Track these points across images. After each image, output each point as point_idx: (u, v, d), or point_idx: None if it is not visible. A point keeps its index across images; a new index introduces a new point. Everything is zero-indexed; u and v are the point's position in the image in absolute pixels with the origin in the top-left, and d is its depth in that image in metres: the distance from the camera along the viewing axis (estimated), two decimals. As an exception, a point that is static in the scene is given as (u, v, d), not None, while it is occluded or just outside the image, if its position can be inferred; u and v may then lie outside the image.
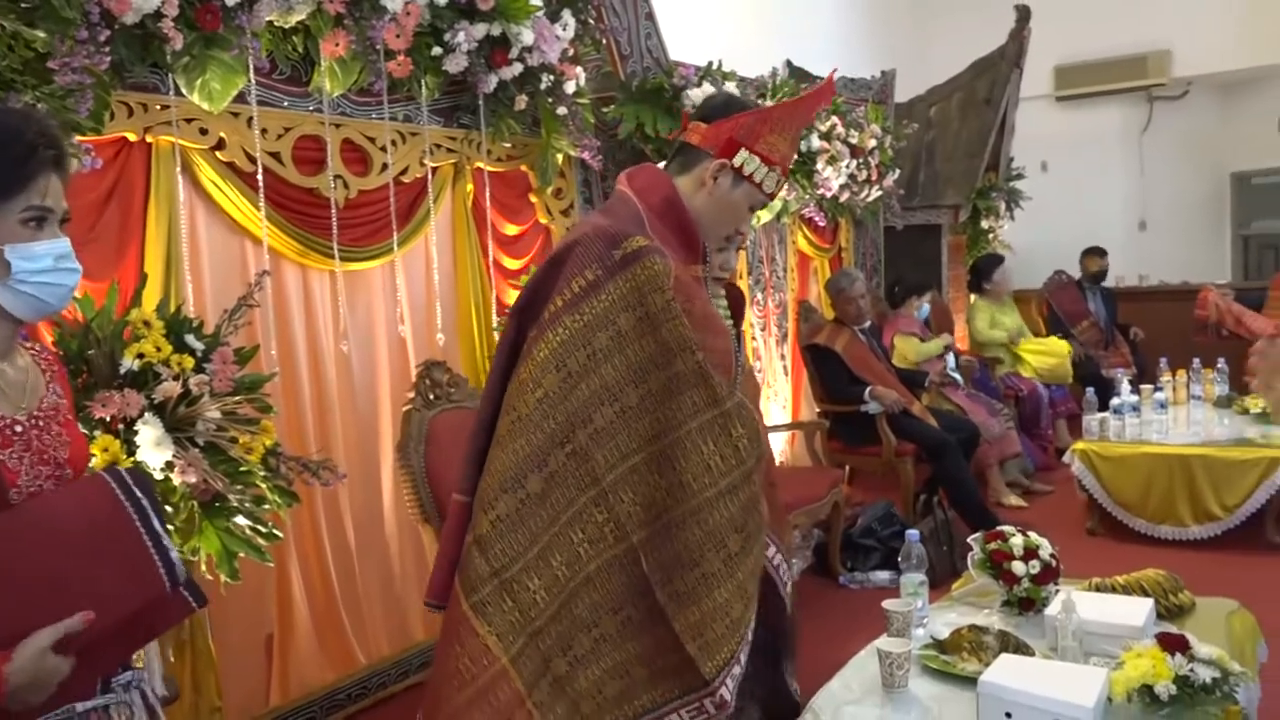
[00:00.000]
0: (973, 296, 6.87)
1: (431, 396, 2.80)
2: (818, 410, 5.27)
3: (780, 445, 5.30)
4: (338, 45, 2.89)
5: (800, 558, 4.47)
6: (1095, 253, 7.53)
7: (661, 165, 1.95)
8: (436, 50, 3.15)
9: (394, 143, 3.28)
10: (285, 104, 2.98)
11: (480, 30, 3.20)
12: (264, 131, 2.90)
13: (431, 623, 3.45)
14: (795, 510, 3.99)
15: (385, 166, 3.26)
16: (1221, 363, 5.66)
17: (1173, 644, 1.97)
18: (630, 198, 1.78)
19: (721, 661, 1.63)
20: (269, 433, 2.48)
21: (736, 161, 1.79)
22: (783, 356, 5.51)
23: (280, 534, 2.53)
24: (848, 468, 5.12)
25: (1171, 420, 5.00)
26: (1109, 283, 7.83)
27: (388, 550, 3.46)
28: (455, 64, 3.19)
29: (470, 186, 3.62)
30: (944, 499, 4.69)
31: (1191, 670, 1.92)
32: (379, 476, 3.44)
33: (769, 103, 4.78)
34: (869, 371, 4.94)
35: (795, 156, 1.93)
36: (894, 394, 4.84)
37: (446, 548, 1.74)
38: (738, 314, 2.20)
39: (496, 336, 3.65)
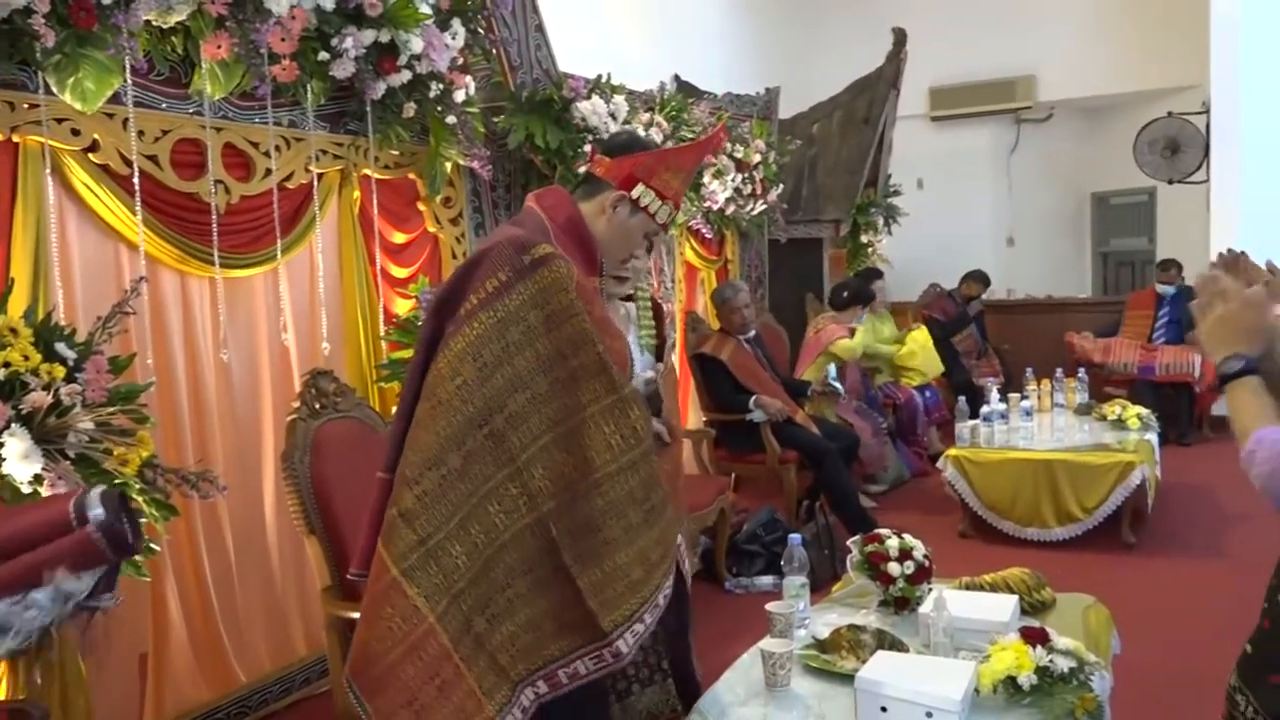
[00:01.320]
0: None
1: (317, 406, 2.76)
2: (704, 419, 5.37)
3: (668, 454, 5.37)
4: (219, 47, 2.84)
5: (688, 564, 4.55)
6: (979, 280, 7.86)
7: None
8: (323, 55, 3.11)
9: (278, 148, 3.22)
10: (164, 106, 2.90)
11: (368, 37, 3.17)
12: (141, 134, 2.82)
13: (314, 638, 3.39)
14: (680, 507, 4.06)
15: (269, 172, 3.20)
16: (1082, 372, 6.00)
17: (1034, 637, 2.09)
18: (538, 212, 2.00)
19: (620, 617, 1.82)
20: (145, 444, 2.41)
21: (634, 194, 2.02)
22: (670, 366, 5.59)
23: (157, 548, 2.46)
24: (734, 475, 5.23)
25: (1037, 427, 5.28)
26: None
27: (269, 564, 3.39)
28: (342, 70, 3.16)
29: (357, 193, 3.59)
30: (825, 505, 4.84)
31: (1051, 661, 2.04)
32: (260, 488, 3.37)
33: (657, 116, 4.87)
34: (754, 380, 5.06)
35: (684, 192, 2.15)
36: (778, 403, 4.98)
37: (371, 521, 1.88)
38: (660, 323, 2.47)
39: (384, 345, 3.63)
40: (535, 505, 1.81)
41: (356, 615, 2.53)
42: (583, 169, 2.17)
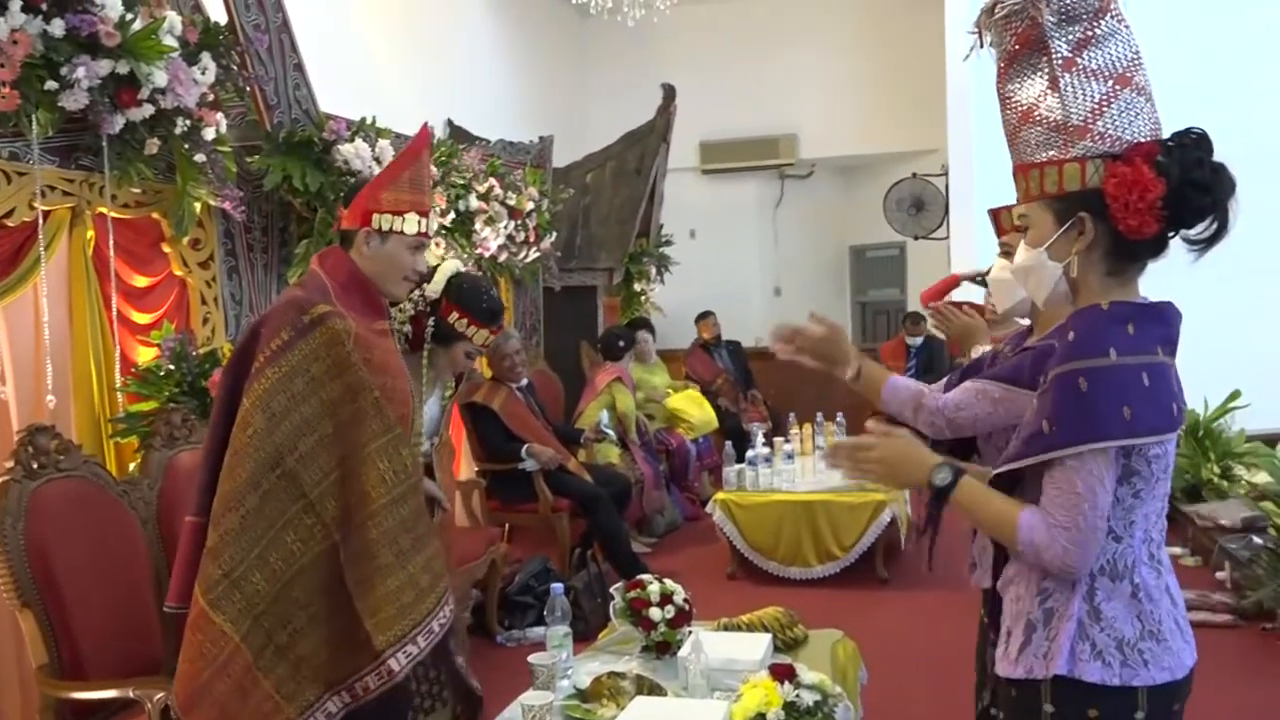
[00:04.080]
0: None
1: (36, 465, 2.54)
2: (476, 469, 5.33)
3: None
4: (-75, 70, 2.60)
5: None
6: (705, 317, 8.23)
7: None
8: (51, 85, 2.91)
9: (-4, 182, 2.97)
10: None
11: (104, 67, 2.99)
12: None
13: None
14: (452, 572, 4.01)
15: (-16, 208, 2.95)
16: (840, 416, 6.39)
17: (782, 674, 2.21)
18: (319, 274, 2.25)
19: (393, 638, 2.06)
20: None
21: (374, 224, 2.28)
22: (442, 415, 5.52)
23: None
24: (506, 526, 5.22)
25: (799, 470, 5.57)
26: (747, 343, 8.60)
27: (-21, 642, 3.06)
28: (74, 101, 2.96)
29: (91, 233, 3.35)
30: (598, 552, 4.90)
31: (797, 696, 2.16)
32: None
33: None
34: (526, 429, 5.08)
35: (427, 195, 2.41)
36: (550, 451, 5.01)
37: (181, 559, 2.12)
38: (459, 382, 2.76)
39: (121, 398, 3.40)
40: (329, 534, 2.07)
41: (76, 695, 2.38)
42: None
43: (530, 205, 5.88)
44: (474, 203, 5.29)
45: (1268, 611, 4.26)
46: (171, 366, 3.42)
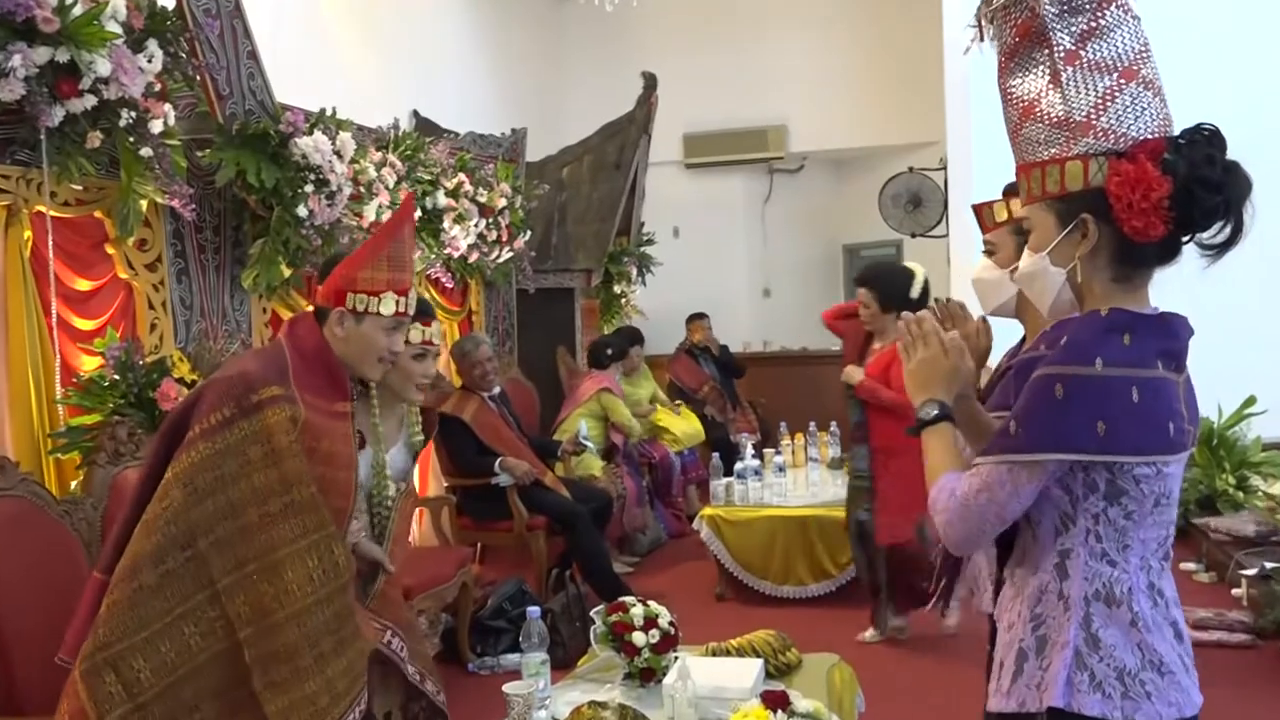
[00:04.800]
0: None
1: (-31, 485, 2.53)
2: (445, 484, 5.31)
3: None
4: None
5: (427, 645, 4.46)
6: (698, 319, 8.24)
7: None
8: (-16, 74, 2.89)
9: (-75, 179, 2.95)
10: None
11: (42, 55, 2.98)
12: None
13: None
14: (419, 595, 3.99)
15: (-88, 206, 2.93)
16: (834, 426, 6.40)
17: (775, 701, 2.22)
18: (282, 347, 2.28)
19: None
20: None
21: (349, 305, 2.29)
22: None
23: None
24: (478, 545, 5.20)
25: (790, 483, 5.58)
26: (736, 347, 8.61)
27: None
28: (9, 91, 2.94)
29: (28, 233, 3.34)
30: (577, 573, 4.89)
31: (791, 725, 2.17)
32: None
33: (391, 155, 4.85)
34: (499, 441, 5.06)
35: (409, 272, 2.38)
36: (525, 465, 5.00)
37: (79, 615, 2.09)
38: (428, 427, 2.80)
39: (61, 410, 3.38)
40: (232, 631, 2.04)
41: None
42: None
43: (503, 202, 5.88)
44: (442, 200, 5.30)
45: (1287, 630, 4.31)
46: (116, 376, 3.40)
